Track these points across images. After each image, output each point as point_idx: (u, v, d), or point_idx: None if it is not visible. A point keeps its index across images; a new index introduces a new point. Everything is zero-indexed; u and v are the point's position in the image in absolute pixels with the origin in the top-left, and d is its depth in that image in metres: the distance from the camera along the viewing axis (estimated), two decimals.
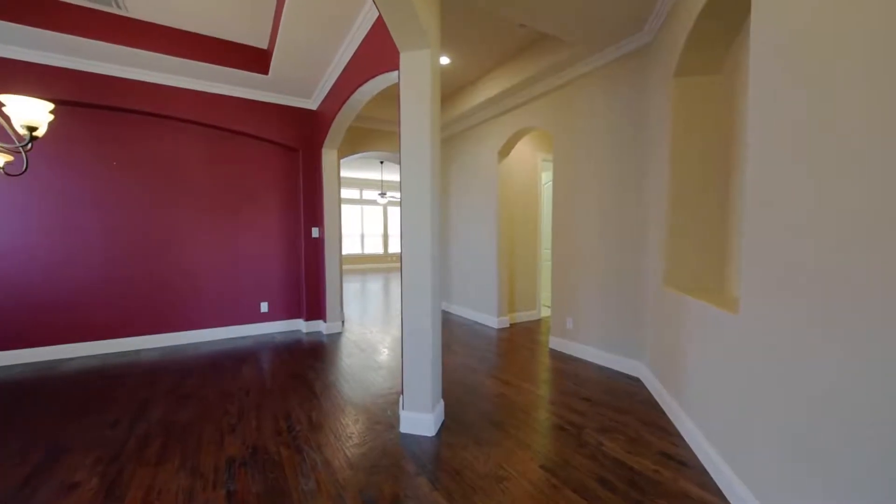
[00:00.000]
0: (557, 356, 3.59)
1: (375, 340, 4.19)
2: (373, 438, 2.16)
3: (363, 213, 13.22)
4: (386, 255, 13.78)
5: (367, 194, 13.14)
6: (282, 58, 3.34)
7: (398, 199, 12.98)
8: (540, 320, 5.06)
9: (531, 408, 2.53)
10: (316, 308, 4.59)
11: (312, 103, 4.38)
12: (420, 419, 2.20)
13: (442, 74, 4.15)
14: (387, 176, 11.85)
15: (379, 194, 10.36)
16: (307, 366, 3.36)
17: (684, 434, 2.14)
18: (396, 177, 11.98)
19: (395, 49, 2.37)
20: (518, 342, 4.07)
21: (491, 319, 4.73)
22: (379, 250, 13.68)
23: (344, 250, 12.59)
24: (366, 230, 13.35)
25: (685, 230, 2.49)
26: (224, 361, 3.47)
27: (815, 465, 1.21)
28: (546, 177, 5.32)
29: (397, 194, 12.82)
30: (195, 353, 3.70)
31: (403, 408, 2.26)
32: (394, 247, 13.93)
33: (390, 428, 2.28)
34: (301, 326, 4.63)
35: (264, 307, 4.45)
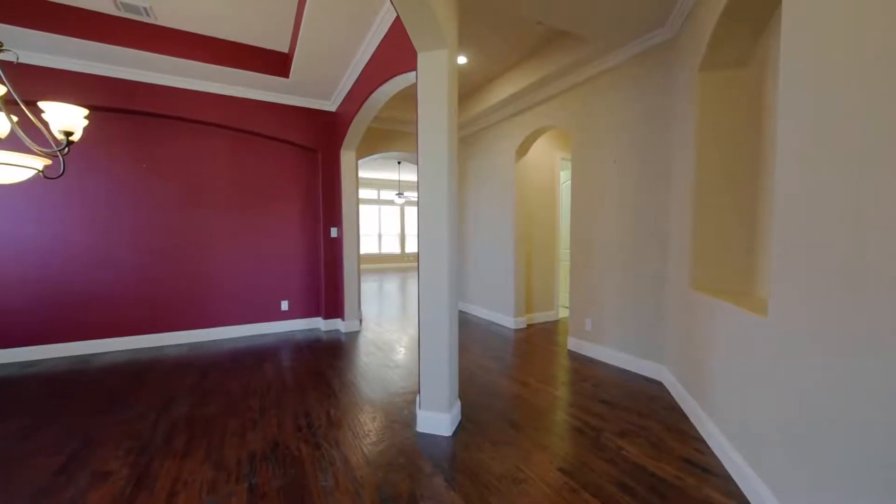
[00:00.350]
0: (576, 358, 3.54)
1: (392, 339, 4.23)
2: (390, 437, 2.18)
3: (380, 214, 13.35)
4: (403, 255, 13.87)
5: (385, 194, 13.25)
6: (302, 61, 3.40)
7: (415, 199, 13.06)
8: (558, 321, 5.00)
9: (549, 409, 2.50)
10: (334, 307, 4.66)
11: (331, 105, 4.45)
12: (437, 419, 2.21)
13: (459, 74, 4.15)
14: (404, 176, 11.92)
15: (396, 194, 10.43)
16: (326, 364, 3.42)
17: (708, 440, 2.07)
18: (414, 177, 12.04)
19: (413, 50, 2.38)
20: (535, 343, 4.03)
21: (508, 320, 4.69)
22: (396, 250, 13.78)
23: (361, 250, 12.72)
24: (383, 230, 13.47)
25: (711, 230, 2.41)
26: (246, 358, 3.56)
27: (850, 478, 1.15)
28: (565, 176, 5.25)
29: (414, 194, 12.89)
30: (218, 350, 3.81)
31: (420, 407, 2.27)
32: (411, 246, 14.01)
33: (407, 427, 2.29)
34: (320, 325, 4.71)
35: (284, 305, 4.55)
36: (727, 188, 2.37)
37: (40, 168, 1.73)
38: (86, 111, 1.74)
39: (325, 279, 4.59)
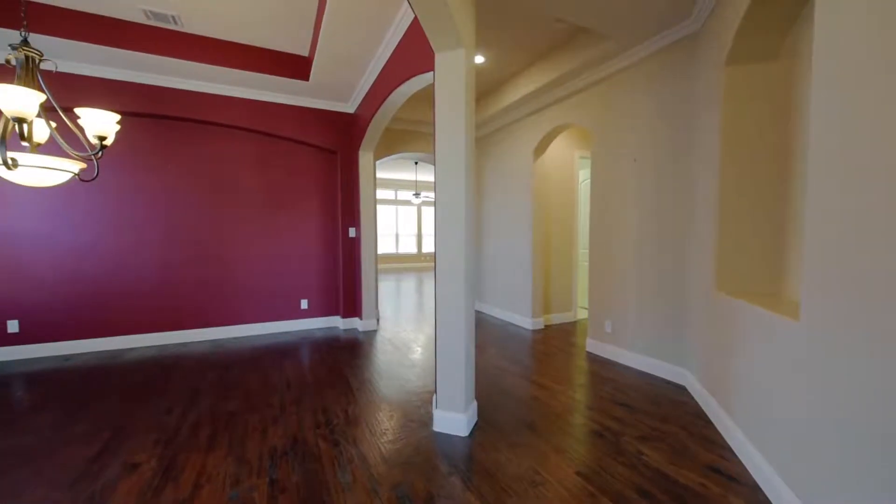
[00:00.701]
0: (595, 360, 3.48)
1: (409, 339, 4.25)
2: (407, 435, 2.19)
3: (398, 214, 13.44)
4: (420, 255, 13.93)
5: (402, 195, 13.34)
6: (322, 64, 3.46)
7: (432, 200, 13.10)
8: (576, 322, 4.92)
9: (567, 412, 2.47)
10: (352, 306, 4.72)
11: (350, 107, 4.51)
12: (453, 419, 2.21)
13: (476, 73, 4.14)
14: (421, 176, 11.97)
15: (413, 195, 10.49)
16: (344, 362, 3.47)
17: (735, 447, 2.00)
18: (431, 177, 12.08)
19: (431, 50, 2.39)
20: (553, 344, 3.98)
21: (525, 320, 4.65)
22: (413, 250, 13.85)
23: (379, 250, 12.86)
24: (400, 230, 13.57)
25: (737, 230, 2.33)
26: (267, 355, 3.65)
27: (890, 490, 1.09)
28: (584, 175, 5.17)
29: (431, 194, 12.93)
30: (241, 347, 3.92)
31: (437, 407, 2.27)
32: (427, 246, 14.05)
33: (424, 426, 2.30)
34: (338, 323, 4.78)
35: (304, 304, 4.64)
36: (754, 186, 2.28)
37: (76, 171, 1.82)
38: (118, 116, 1.81)
39: (344, 278, 4.66)
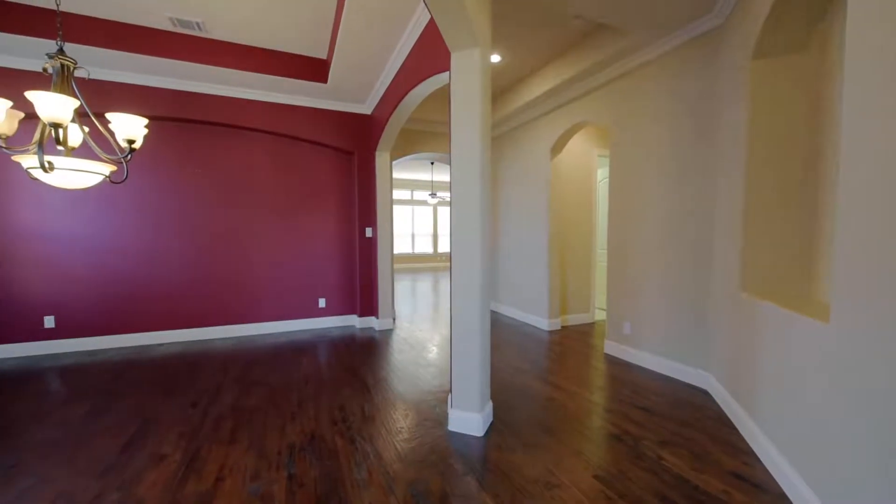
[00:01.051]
0: (613, 362, 3.42)
1: (425, 338, 4.27)
2: (422, 434, 2.20)
3: (413, 214, 13.51)
4: (435, 255, 13.97)
5: (418, 195, 13.40)
6: (339, 66, 3.51)
7: (448, 200, 13.11)
8: (594, 323, 4.85)
9: (584, 414, 2.43)
10: (369, 305, 4.77)
11: (367, 108, 4.56)
12: (468, 419, 2.20)
13: (492, 72, 4.12)
14: (437, 176, 12.00)
15: (429, 195, 10.52)
16: (360, 360, 3.51)
17: (760, 454, 1.94)
18: (446, 177, 12.09)
19: (446, 50, 2.39)
20: (570, 345, 3.93)
21: (542, 321, 4.61)
22: (429, 250, 13.90)
23: (395, 250, 12.95)
24: (416, 230, 13.63)
25: (764, 229, 2.25)
26: (286, 353, 3.73)
27: None
28: (602, 173, 5.08)
29: (447, 194, 12.94)
30: (261, 344, 4.01)
31: (452, 406, 2.27)
32: (443, 246, 14.08)
33: (439, 425, 2.30)
34: (355, 322, 4.84)
35: (322, 303, 4.71)
36: (781, 184, 2.20)
37: (107, 173, 1.90)
38: (146, 120, 1.88)
39: (361, 278, 4.72)
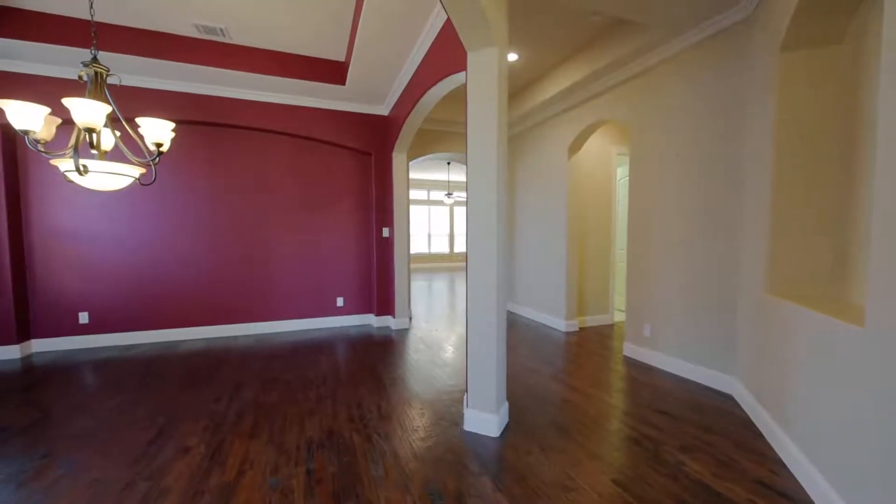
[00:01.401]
0: (632, 364, 3.35)
1: (441, 338, 4.28)
2: (437, 433, 2.21)
3: (430, 214, 13.56)
4: (452, 255, 13.98)
5: (434, 195, 13.44)
6: (357, 68, 3.56)
7: (464, 199, 13.10)
8: (613, 325, 4.76)
9: (602, 417, 2.39)
10: (385, 304, 4.81)
11: (384, 109, 4.60)
12: (484, 419, 2.20)
13: (509, 71, 4.10)
14: (453, 176, 12.00)
15: (445, 195, 10.54)
16: (377, 358, 3.54)
17: (788, 462, 1.86)
18: (463, 177, 12.08)
19: (463, 50, 2.39)
20: (588, 347, 3.87)
21: (559, 322, 4.55)
22: (445, 250, 13.92)
23: (412, 250, 13.03)
24: (432, 230, 13.67)
25: (793, 229, 2.16)
26: (305, 350, 3.80)
27: None
28: (622, 172, 4.99)
29: (464, 194, 12.93)
30: (281, 342, 4.10)
31: (467, 406, 2.27)
32: (459, 246, 14.07)
33: (454, 425, 2.31)
34: (372, 321, 4.90)
35: (340, 302, 4.79)
36: (812, 181, 2.11)
37: (137, 176, 1.98)
38: (173, 124, 1.96)
39: (378, 277, 4.77)
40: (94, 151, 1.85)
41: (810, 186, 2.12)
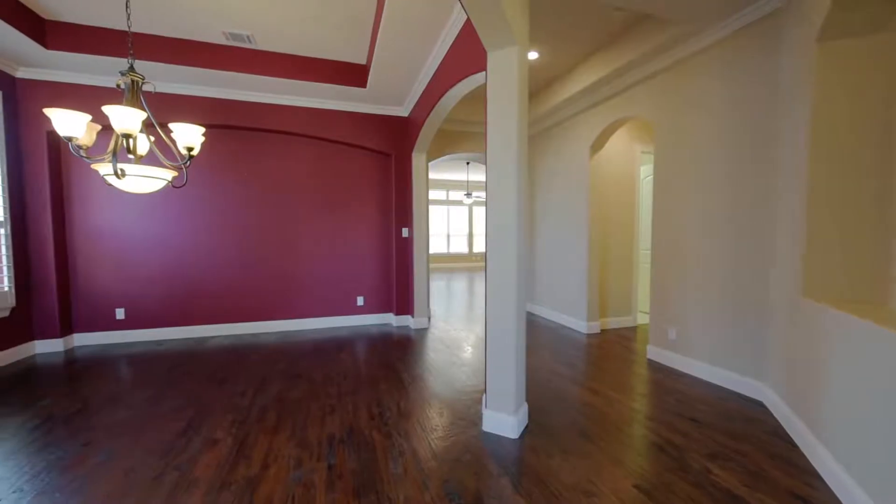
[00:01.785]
0: (656, 368, 3.26)
1: (459, 338, 4.28)
2: (456, 433, 2.21)
3: (449, 214, 13.58)
4: (471, 255, 13.96)
5: (453, 195, 13.45)
6: (378, 70, 3.60)
7: (483, 199, 13.04)
8: (636, 327, 4.64)
9: (624, 421, 2.34)
10: (405, 303, 4.85)
11: (404, 110, 4.64)
12: (503, 420, 2.19)
13: (530, 69, 4.06)
14: (472, 176, 11.98)
15: (464, 195, 10.53)
16: (396, 357, 3.58)
17: (824, 474, 1.77)
18: (482, 177, 12.05)
19: (483, 50, 2.39)
20: (610, 350, 3.79)
21: (580, 324, 4.48)
22: (464, 250, 13.91)
23: (431, 250, 13.08)
24: (451, 230, 13.69)
25: (831, 229, 2.06)
26: (326, 348, 3.87)
27: None
28: (645, 170, 4.86)
29: (483, 194, 12.89)
30: (303, 339, 4.20)
31: (486, 407, 2.27)
32: (478, 246, 14.03)
33: (473, 425, 2.30)
34: (391, 320, 4.95)
35: (360, 301, 4.86)
36: (851, 178, 2.00)
37: (170, 179, 2.07)
38: (203, 129, 2.03)
39: (397, 277, 4.81)
40: (131, 156, 1.94)
41: (850, 184, 2.01)
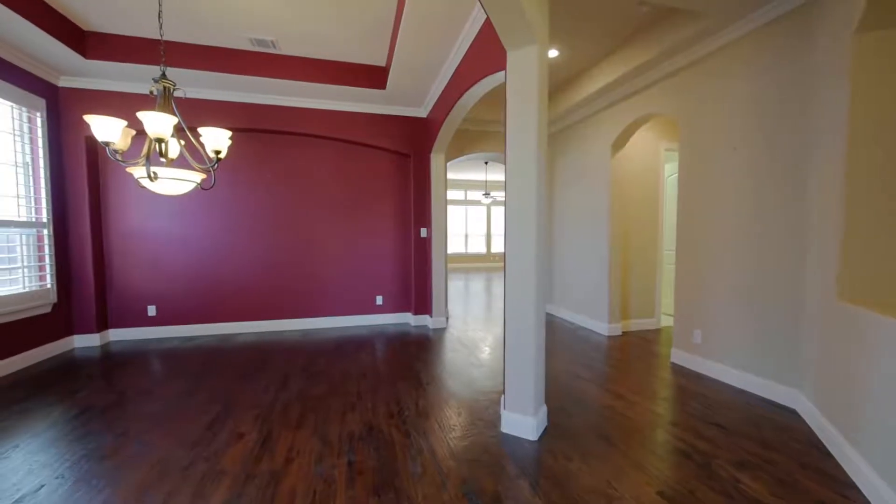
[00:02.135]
0: (681, 372, 3.17)
1: (477, 338, 4.27)
2: (474, 434, 2.21)
3: (467, 214, 13.57)
4: (489, 255, 13.90)
5: (472, 195, 13.43)
6: (397, 72, 3.64)
7: (502, 199, 12.98)
8: (659, 330, 4.53)
9: (647, 426, 2.29)
10: (423, 303, 4.88)
11: (423, 111, 4.67)
12: (521, 421, 2.18)
13: (549, 68, 4.01)
14: (491, 176, 11.93)
15: (483, 194, 10.51)
16: (415, 356, 3.61)
17: (861, 486, 1.69)
18: (500, 176, 11.98)
19: (502, 49, 2.38)
20: (632, 352, 3.71)
21: (601, 326, 4.40)
22: (482, 250, 13.87)
23: (449, 250, 13.11)
24: (469, 230, 13.67)
25: (869, 228, 1.96)
26: (347, 346, 3.94)
27: None
28: (670, 169, 4.73)
29: (501, 194, 12.82)
30: (324, 337, 4.28)
31: (505, 408, 2.26)
32: (497, 246, 13.97)
33: (491, 426, 2.30)
34: (410, 320, 4.98)
35: (379, 300, 4.92)
36: (890, 176, 1.90)
37: (199, 181, 2.15)
38: (230, 133, 2.10)
39: (415, 277, 4.84)
40: (163, 159, 2.03)
41: (889, 181, 1.91)
